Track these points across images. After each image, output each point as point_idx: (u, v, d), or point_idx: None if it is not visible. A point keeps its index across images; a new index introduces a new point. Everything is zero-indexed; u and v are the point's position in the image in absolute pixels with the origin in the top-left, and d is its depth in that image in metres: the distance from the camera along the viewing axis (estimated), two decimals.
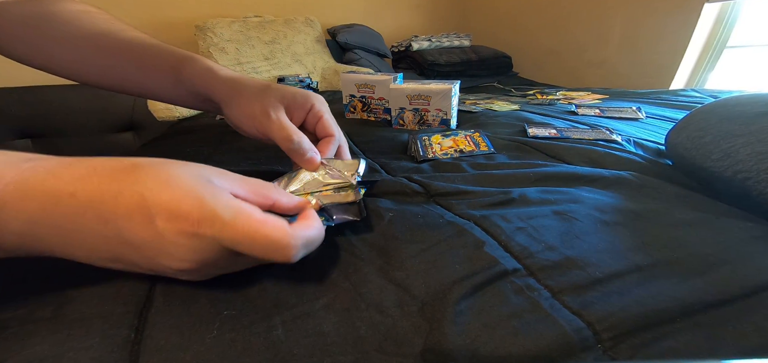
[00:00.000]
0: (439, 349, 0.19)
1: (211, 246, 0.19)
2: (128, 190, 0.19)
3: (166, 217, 0.19)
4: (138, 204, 0.18)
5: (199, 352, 0.19)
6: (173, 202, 0.19)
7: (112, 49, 0.36)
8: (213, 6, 1.54)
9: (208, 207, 0.19)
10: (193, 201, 0.19)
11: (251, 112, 0.33)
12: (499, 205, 0.32)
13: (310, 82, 1.32)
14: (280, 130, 0.31)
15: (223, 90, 0.34)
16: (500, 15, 2.05)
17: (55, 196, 0.18)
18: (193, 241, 0.19)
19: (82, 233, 0.19)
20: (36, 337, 0.19)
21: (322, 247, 0.26)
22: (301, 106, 0.34)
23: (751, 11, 1.24)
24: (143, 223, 0.18)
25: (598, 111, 0.75)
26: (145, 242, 0.19)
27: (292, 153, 0.31)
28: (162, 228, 0.18)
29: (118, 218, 0.18)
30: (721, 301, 0.21)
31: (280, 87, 0.34)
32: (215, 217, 0.19)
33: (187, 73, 0.35)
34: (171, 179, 0.19)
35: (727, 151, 0.35)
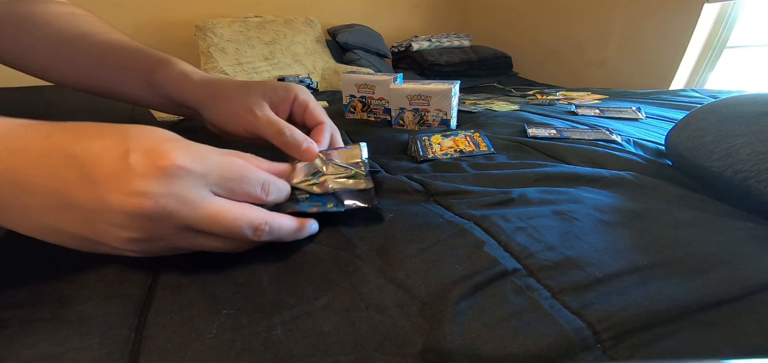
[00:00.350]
0: (439, 349, 0.19)
1: (178, 194, 0.19)
2: (109, 130, 0.19)
3: (142, 151, 0.19)
4: (117, 142, 0.19)
5: (199, 352, 0.19)
6: (154, 142, 0.19)
7: (88, 51, 0.35)
8: (213, 6, 1.54)
9: (190, 146, 0.20)
10: (174, 142, 0.20)
11: (234, 111, 0.32)
12: (499, 205, 0.32)
13: (310, 82, 1.32)
14: (270, 125, 0.30)
15: (198, 94, 0.33)
16: (500, 15, 2.05)
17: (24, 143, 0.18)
18: (164, 177, 0.19)
19: (31, 186, 0.18)
20: (36, 337, 0.19)
21: (321, 247, 0.26)
22: (284, 98, 0.34)
23: (751, 11, 1.24)
24: (115, 158, 0.18)
25: (598, 111, 0.75)
26: (106, 178, 0.18)
27: (286, 147, 0.30)
28: (133, 161, 0.18)
29: (88, 156, 0.18)
30: (721, 301, 0.21)
31: (260, 82, 0.34)
32: (205, 155, 0.20)
33: (159, 78, 0.34)
34: (156, 130, 0.20)
35: (728, 150, 0.35)
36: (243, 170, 0.23)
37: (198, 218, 0.20)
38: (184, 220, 0.20)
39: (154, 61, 0.35)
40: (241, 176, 0.22)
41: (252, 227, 0.22)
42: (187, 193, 0.20)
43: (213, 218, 0.21)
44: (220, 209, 0.21)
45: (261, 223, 0.22)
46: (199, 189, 0.20)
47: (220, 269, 0.24)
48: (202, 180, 0.20)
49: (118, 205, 0.18)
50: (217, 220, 0.21)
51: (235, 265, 0.24)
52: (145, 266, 0.24)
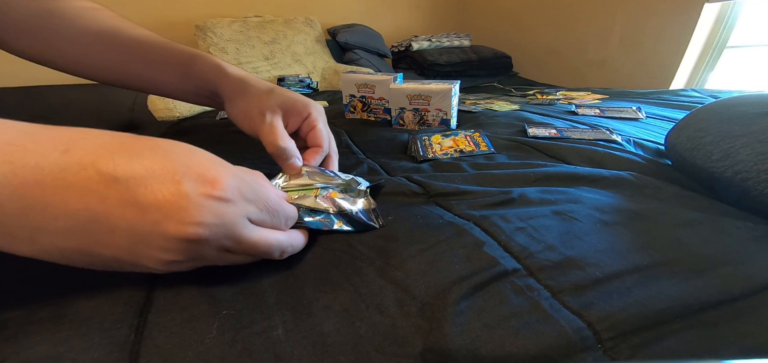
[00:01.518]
0: (439, 349, 0.19)
1: (229, 222, 0.20)
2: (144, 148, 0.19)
3: (194, 178, 0.19)
4: (163, 165, 0.18)
5: (199, 352, 0.19)
6: (203, 166, 0.20)
7: (119, 45, 0.37)
8: (213, 6, 1.54)
9: (234, 171, 0.21)
10: (220, 167, 0.20)
11: (249, 111, 0.34)
12: (499, 205, 0.32)
13: (310, 82, 1.32)
14: (269, 133, 0.32)
15: (230, 87, 0.36)
16: (500, 15, 2.05)
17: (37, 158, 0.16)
18: (218, 207, 0.19)
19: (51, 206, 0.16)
20: (36, 337, 0.19)
21: (321, 248, 0.26)
22: (298, 112, 0.35)
23: (751, 11, 1.24)
24: (167, 183, 0.18)
25: (598, 111, 0.75)
26: (158, 205, 0.18)
27: (276, 156, 0.32)
28: (188, 189, 0.18)
29: (132, 178, 0.17)
30: (721, 301, 0.21)
31: (284, 92, 0.35)
32: (252, 188, 0.21)
33: (196, 69, 0.37)
34: (196, 151, 0.21)
35: (727, 151, 0.35)
36: (276, 205, 0.24)
37: (240, 244, 0.21)
38: (229, 246, 0.21)
39: (188, 54, 0.38)
40: (274, 210, 0.24)
41: (281, 250, 0.24)
42: (234, 222, 0.20)
43: (254, 245, 0.22)
44: (260, 237, 0.22)
45: (288, 247, 0.24)
46: (242, 218, 0.21)
47: (221, 270, 0.24)
48: (245, 210, 0.21)
49: (174, 233, 0.18)
50: (257, 246, 0.22)
51: (235, 266, 0.24)
52: None
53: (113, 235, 0.18)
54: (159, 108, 0.96)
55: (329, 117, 0.40)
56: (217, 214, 0.19)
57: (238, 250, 0.22)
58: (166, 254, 0.19)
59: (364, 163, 0.46)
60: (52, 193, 0.16)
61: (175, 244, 0.19)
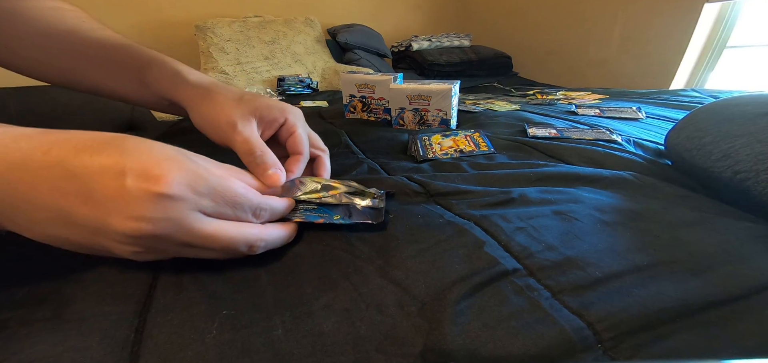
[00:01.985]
0: (439, 349, 0.19)
1: (173, 218, 0.20)
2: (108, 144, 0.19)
3: (137, 174, 0.19)
4: (115, 160, 0.19)
5: (199, 352, 0.19)
6: (150, 163, 0.19)
7: (77, 48, 0.35)
8: (213, 6, 1.54)
9: (187, 168, 0.20)
10: (170, 162, 0.20)
11: (217, 120, 0.31)
12: (499, 205, 0.32)
13: (310, 82, 1.32)
14: (244, 143, 0.29)
15: (189, 95, 0.33)
16: (500, 15, 2.05)
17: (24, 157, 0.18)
18: (161, 202, 0.19)
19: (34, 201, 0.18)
20: (36, 337, 0.19)
21: (322, 247, 0.26)
22: (274, 119, 0.32)
23: (751, 11, 1.24)
24: (113, 178, 0.18)
25: (598, 111, 0.75)
26: (105, 199, 0.19)
27: (252, 168, 0.28)
28: (130, 184, 0.18)
29: (87, 173, 0.18)
30: (721, 301, 0.21)
31: (256, 98, 0.32)
32: (200, 180, 0.21)
33: (152, 76, 0.34)
34: (154, 147, 0.20)
35: (727, 151, 0.35)
36: (236, 196, 0.23)
37: (194, 238, 0.21)
38: (181, 240, 0.21)
39: (145, 59, 0.35)
40: (233, 202, 0.23)
41: (247, 244, 0.23)
42: (182, 217, 0.20)
43: (209, 239, 0.22)
44: (215, 231, 0.22)
45: (256, 240, 0.23)
46: (193, 213, 0.21)
47: (221, 269, 0.24)
48: (196, 204, 0.21)
49: (119, 227, 0.19)
50: (213, 240, 0.22)
51: (235, 265, 0.24)
52: (146, 266, 0.24)
53: (78, 227, 0.19)
54: None
55: (329, 117, 0.40)
56: (160, 209, 0.19)
57: (197, 244, 0.21)
58: (124, 246, 0.20)
59: (364, 163, 0.46)
60: (31, 189, 0.18)
61: (123, 238, 0.19)
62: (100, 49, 0.35)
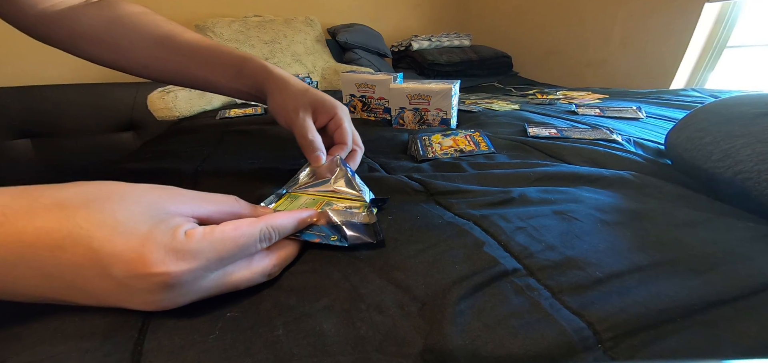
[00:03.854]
0: (439, 349, 0.19)
1: (187, 293, 0.19)
2: (70, 244, 0.17)
3: (122, 267, 0.17)
4: (86, 258, 0.17)
5: (201, 352, 0.19)
6: (126, 251, 0.17)
7: (178, 49, 0.41)
8: (213, 6, 1.54)
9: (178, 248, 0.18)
10: (157, 247, 0.18)
11: (286, 106, 0.38)
12: (499, 205, 0.32)
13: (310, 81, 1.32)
14: (301, 127, 0.37)
15: (273, 84, 0.40)
16: (500, 15, 2.05)
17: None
18: (159, 284, 0.18)
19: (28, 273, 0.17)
20: (36, 337, 0.19)
21: (321, 248, 0.26)
22: (327, 111, 0.40)
23: (751, 11, 1.24)
24: (98, 276, 0.17)
25: (599, 111, 0.75)
26: (106, 294, 0.18)
27: (304, 147, 0.37)
28: (120, 276, 0.17)
29: (66, 274, 0.17)
30: (721, 301, 0.21)
31: (316, 92, 0.40)
32: (198, 249, 0.19)
33: (248, 70, 0.41)
34: (119, 225, 0.18)
35: (728, 151, 0.35)
36: (238, 241, 0.21)
37: (209, 293, 0.21)
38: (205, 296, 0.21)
39: (241, 58, 0.42)
40: (238, 248, 0.21)
41: (263, 276, 0.23)
42: (196, 288, 0.20)
43: (223, 287, 0.21)
44: (229, 280, 0.21)
45: (272, 269, 0.23)
46: (205, 279, 0.20)
47: None
48: (204, 272, 0.20)
49: (141, 306, 0.19)
50: (227, 287, 0.21)
51: None
52: None
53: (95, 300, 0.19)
54: (159, 108, 0.96)
55: None
56: (164, 287, 0.18)
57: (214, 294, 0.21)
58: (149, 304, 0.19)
59: (364, 162, 0.46)
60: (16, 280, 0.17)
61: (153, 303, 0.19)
62: (197, 50, 0.42)
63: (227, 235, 0.21)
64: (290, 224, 0.25)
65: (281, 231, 0.24)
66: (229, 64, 0.42)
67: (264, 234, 0.23)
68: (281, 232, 0.24)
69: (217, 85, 0.43)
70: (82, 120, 1.34)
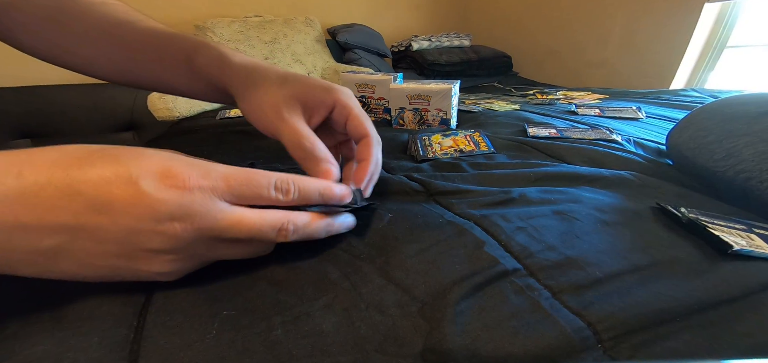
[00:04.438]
0: (439, 349, 0.19)
1: (198, 211, 0.19)
2: (101, 162, 0.18)
3: (150, 177, 0.18)
4: (116, 170, 0.17)
5: (199, 352, 0.19)
6: (154, 165, 0.18)
7: (129, 41, 0.34)
8: (213, 6, 1.54)
9: (192, 163, 0.19)
10: (176, 160, 0.19)
11: (262, 107, 0.28)
12: (499, 205, 0.32)
13: None
14: (291, 133, 0.27)
15: (236, 80, 0.30)
16: (500, 15, 2.05)
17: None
18: (182, 195, 0.18)
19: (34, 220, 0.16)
20: (36, 337, 0.19)
21: (321, 247, 0.26)
22: (321, 102, 0.29)
23: (751, 11, 1.24)
24: (123, 185, 0.17)
25: (598, 111, 0.75)
26: (124, 210, 0.17)
27: (303, 162, 0.26)
28: (147, 188, 0.18)
29: (91, 187, 0.17)
30: (721, 301, 0.21)
31: (300, 79, 0.30)
32: (209, 170, 0.20)
33: (199, 62, 0.32)
34: (145, 152, 0.19)
35: (730, 151, 0.35)
36: (248, 174, 0.21)
37: (220, 229, 0.20)
38: (209, 234, 0.20)
39: (193, 45, 0.33)
40: (247, 180, 0.21)
41: (274, 228, 0.22)
42: (206, 208, 0.19)
43: (234, 225, 0.20)
44: (239, 216, 0.21)
45: (283, 222, 0.22)
46: (214, 201, 0.20)
47: (220, 269, 0.24)
48: (214, 191, 0.20)
49: (149, 234, 0.18)
50: (239, 225, 0.21)
51: (235, 265, 0.24)
52: None
53: (96, 245, 0.18)
54: (159, 108, 0.96)
55: None
56: (185, 204, 0.19)
57: (225, 234, 0.21)
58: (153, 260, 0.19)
59: None
60: (24, 213, 0.16)
61: (157, 243, 0.19)
62: (152, 39, 0.34)
63: (240, 170, 0.21)
64: (313, 188, 0.23)
65: (302, 189, 0.22)
66: (180, 58, 0.33)
67: (282, 182, 0.22)
68: (302, 190, 0.22)
69: (174, 86, 0.36)
70: (82, 120, 1.34)
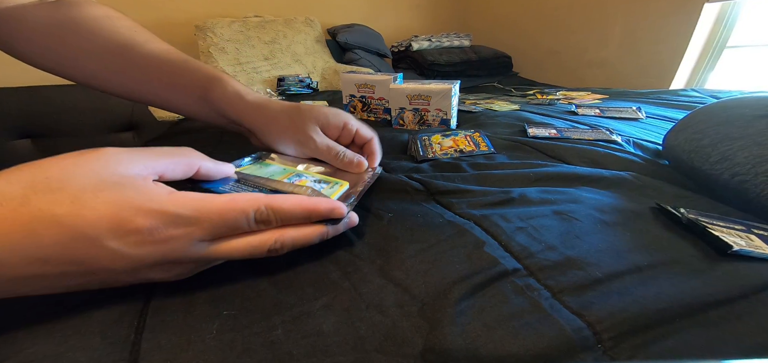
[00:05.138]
0: (439, 349, 0.19)
1: (179, 255, 0.19)
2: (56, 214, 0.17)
3: (110, 233, 0.17)
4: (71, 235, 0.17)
5: (199, 352, 0.19)
6: (112, 216, 0.17)
7: (137, 62, 0.36)
8: (213, 6, 1.54)
9: (167, 212, 0.19)
10: (140, 206, 0.18)
11: (290, 137, 0.35)
12: (499, 205, 0.32)
13: (310, 82, 1.32)
14: (328, 150, 0.34)
15: (252, 117, 0.36)
16: (500, 15, 2.05)
17: None
18: (156, 250, 0.19)
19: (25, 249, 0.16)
20: (36, 337, 0.19)
21: (321, 247, 0.26)
22: (335, 125, 0.37)
23: (751, 11, 1.24)
24: (88, 247, 0.17)
25: (598, 111, 0.75)
26: (102, 266, 0.18)
27: (344, 166, 0.34)
28: (113, 244, 0.17)
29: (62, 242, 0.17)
30: (721, 301, 0.21)
31: (310, 108, 0.36)
32: (178, 215, 0.19)
33: (214, 96, 0.36)
34: (101, 193, 0.18)
35: (725, 154, 0.35)
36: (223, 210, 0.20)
37: (208, 261, 0.21)
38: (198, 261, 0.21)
39: (207, 78, 0.36)
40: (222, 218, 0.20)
41: (262, 249, 0.22)
42: (184, 251, 0.19)
43: (222, 256, 0.21)
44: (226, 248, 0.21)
45: (270, 242, 0.22)
46: (191, 245, 0.20)
47: (221, 269, 0.24)
48: (188, 239, 0.19)
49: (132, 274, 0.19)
50: (226, 255, 0.21)
51: (235, 265, 0.24)
52: None
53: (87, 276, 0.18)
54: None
55: None
56: (155, 255, 0.19)
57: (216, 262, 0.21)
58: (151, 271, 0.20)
59: None
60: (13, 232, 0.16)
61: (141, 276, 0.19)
62: (159, 65, 0.36)
63: (214, 205, 0.20)
64: (297, 211, 0.23)
65: (282, 216, 0.22)
66: (192, 87, 0.37)
67: (260, 214, 0.21)
68: (282, 217, 0.22)
69: (181, 108, 0.38)
70: (82, 120, 1.34)
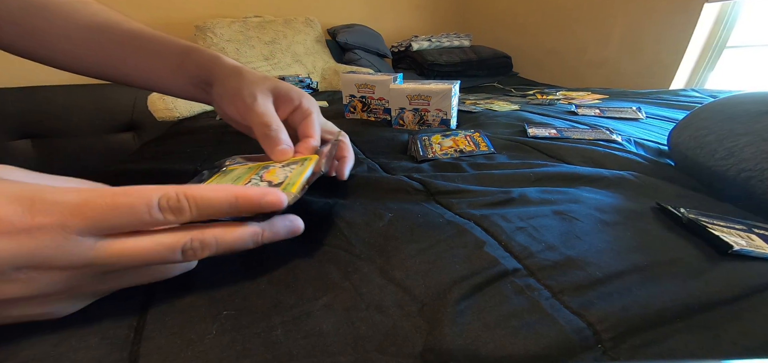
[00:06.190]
0: (439, 349, 0.19)
1: (53, 252, 0.16)
2: None
3: None
4: None
5: (199, 352, 0.19)
6: None
7: (116, 39, 0.36)
8: (213, 6, 1.54)
9: (37, 195, 0.16)
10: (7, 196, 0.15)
11: (240, 92, 0.32)
12: (499, 205, 0.32)
13: (310, 82, 1.32)
14: (261, 115, 0.31)
15: (222, 73, 0.34)
16: (500, 15, 2.05)
17: None
18: (21, 243, 0.15)
19: None
20: (36, 337, 0.19)
21: (321, 247, 0.26)
22: (291, 100, 0.34)
23: (751, 11, 1.24)
24: None
25: (598, 111, 0.75)
26: None
27: (264, 140, 0.30)
28: None
29: None
30: (721, 301, 0.21)
31: (277, 80, 0.34)
32: (55, 202, 0.16)
33: (192, 60, 0.36)
34: None
35: (731, 149, 0.35)
36: (114, 198, 0.17)
37: (100, 265, 0.17)
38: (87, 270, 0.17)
39: (185, 46, 0.37)
40: (112, 206, 0.17)
41: (173, 250, 0.18)
42: (60, 248, 0.16)
43: (117, 257, 0.17)
44: (121, 248, 0.17)
45: (184, 241, 0.19)
46: (69, 240, 0.16)
47: (220, 270, 0.24)
48: (65, 230, 0.16)
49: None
50: (123, 257, 0.17)
51: (234, 265, 0.24)
52: None
53: None
54: (159, 108, 0.96)
55: (329, 117, 0.40)
56: (20, 250, 0.15)
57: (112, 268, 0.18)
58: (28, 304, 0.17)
59: (364, 163, 0.46)
60: None
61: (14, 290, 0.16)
62: (137, 39, 0.36)
63: (104, 194, 0.17)
64: (222, 198, 0.19)
65: (201, 203, 0.19)
66: (169, 54, 0.36)
67: (168, 200, 0.18)
68: (201, 204, 0.19)
69: (156, 80, 0.37)
70: (82, 121, 1.35)
